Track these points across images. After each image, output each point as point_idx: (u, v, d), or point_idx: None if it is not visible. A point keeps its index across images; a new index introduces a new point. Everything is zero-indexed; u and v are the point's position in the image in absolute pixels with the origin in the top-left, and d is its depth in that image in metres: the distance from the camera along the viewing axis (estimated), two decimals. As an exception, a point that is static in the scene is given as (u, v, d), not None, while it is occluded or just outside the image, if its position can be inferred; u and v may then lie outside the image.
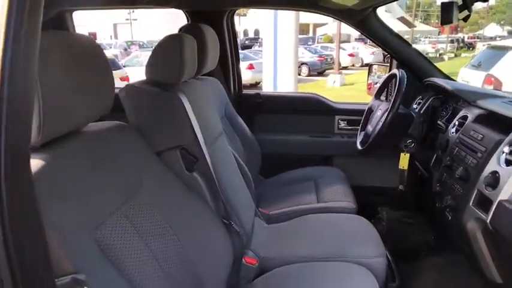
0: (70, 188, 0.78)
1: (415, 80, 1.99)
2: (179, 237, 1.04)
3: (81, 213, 0.78)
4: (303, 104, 2.39)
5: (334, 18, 2.02)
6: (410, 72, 1.90)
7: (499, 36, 33.20)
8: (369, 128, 1.85)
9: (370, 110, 1.95)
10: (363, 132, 1.94)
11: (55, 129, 0.76)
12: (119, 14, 30.17)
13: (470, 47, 27.36)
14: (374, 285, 1.16)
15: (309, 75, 14.98)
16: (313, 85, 12.52)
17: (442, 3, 1.11)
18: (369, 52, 18.69)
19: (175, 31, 1.62)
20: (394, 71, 1.77)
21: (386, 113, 1.65)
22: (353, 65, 18.00)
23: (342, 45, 15.87)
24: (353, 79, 13.14)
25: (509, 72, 5.38)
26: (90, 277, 0.59)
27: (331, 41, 25.12)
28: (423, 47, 22.11)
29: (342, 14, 1.96)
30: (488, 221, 1.10)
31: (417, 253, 1.80)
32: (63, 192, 0.76)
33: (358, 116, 2.15)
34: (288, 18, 6.23)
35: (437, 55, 21.17)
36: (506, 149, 1.14)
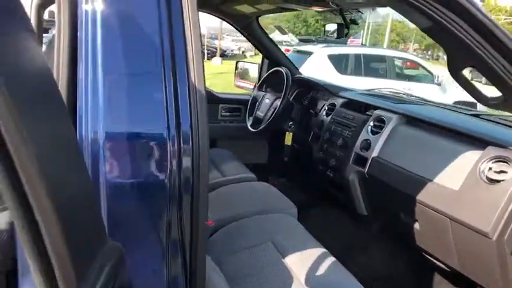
0: None
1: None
2: None
3: None
4: None
5: (226, 22, 2.34)
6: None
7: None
8: (259, 113, 2.28)
9: (255, 100, 2.38)
10: (251, 117, 2.35)
11: None
12: None
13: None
14: (301, 228, 1.57)
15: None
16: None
17: (338, 24, 1.63)
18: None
19: None
20: (278, 68, 2.24)
21: (279, 101, 2.11)
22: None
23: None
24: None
25: (312, 72, 6.75)
26: None
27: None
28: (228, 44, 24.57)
29: (233, 18, 2.31)
30: (365, 172, 1.68)
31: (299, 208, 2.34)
32: None
33: (237, 104, 2.56)
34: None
35: (241, 52, 23.77)
36: (372, 124, 1.74)
